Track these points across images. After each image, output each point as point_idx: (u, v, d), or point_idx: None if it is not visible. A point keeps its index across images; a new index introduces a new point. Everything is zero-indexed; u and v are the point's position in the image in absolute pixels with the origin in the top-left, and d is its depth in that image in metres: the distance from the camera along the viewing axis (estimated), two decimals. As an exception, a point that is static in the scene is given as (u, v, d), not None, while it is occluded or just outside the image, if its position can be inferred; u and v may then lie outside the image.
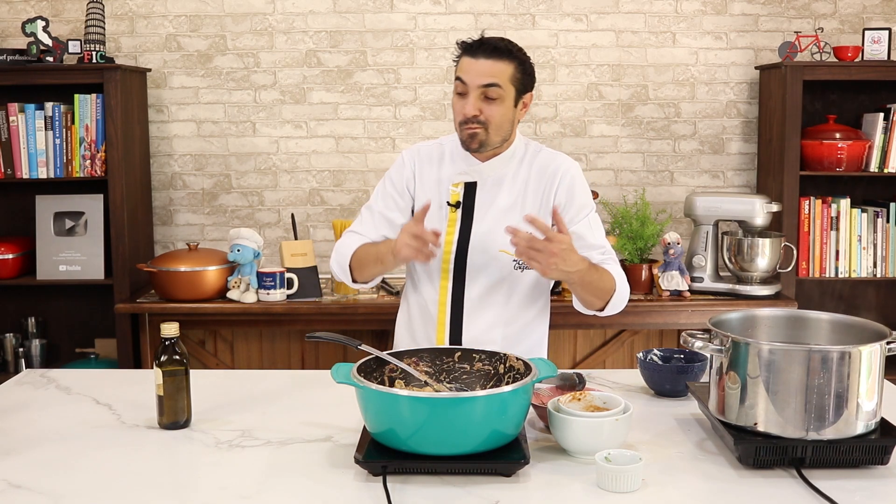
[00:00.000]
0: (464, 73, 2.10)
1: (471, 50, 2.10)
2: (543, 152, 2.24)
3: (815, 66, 3.47)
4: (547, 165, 2.21)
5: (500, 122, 2.12)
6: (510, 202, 2.19)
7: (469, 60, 2.10)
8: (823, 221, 3.59)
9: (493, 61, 2.08)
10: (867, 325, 1.67)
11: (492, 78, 2.08)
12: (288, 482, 1.54)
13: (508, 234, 1.96)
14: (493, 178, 2.20)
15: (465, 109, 2.09)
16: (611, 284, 2.15)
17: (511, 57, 2.11)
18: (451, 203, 2.20)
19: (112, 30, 3.72)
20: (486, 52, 2.08)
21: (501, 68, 2.09)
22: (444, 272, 2.21)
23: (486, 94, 2.09)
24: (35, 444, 1.72)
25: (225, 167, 3.82)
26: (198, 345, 3.43)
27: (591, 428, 1.59)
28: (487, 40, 2.11)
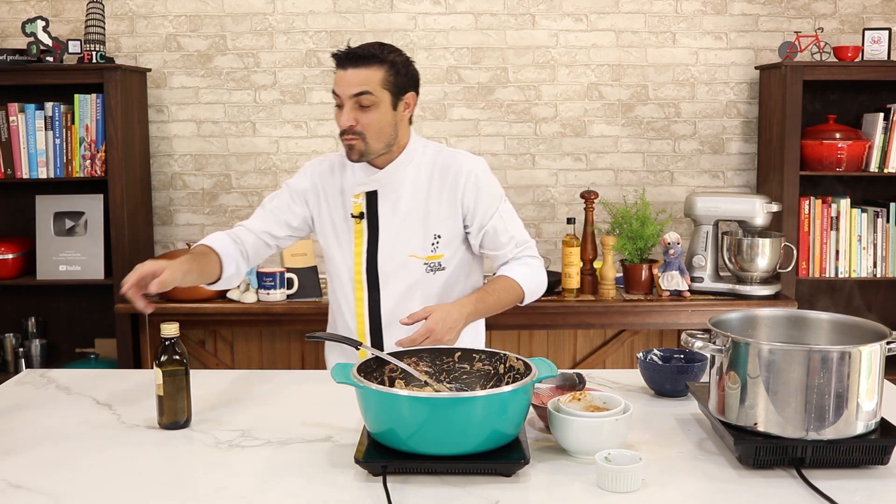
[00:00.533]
0: (336, 86, 2.09)
1: (340, 61, 2.09)
2: (444, 152, 2.23)
3: (815, 66, 3.47)
4: (448, 165, 2.20)
5: (379, 128, 2.11)
6: (413, 205, 2.18)
7: (339, 73, 2.09)
8: (823, 221, 3.59)
9: (360, 69, 2.07)
10: (867, 325, 1.67)
11: (361, 86, 2.07)
12: (288, 482, 1.54)
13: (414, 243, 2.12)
14: (392, 184, 2.18)
15: (341, 121, 2.09)
16: (515, 293, 2.21)
17: (378, 62, 2.08)
18: (355, 214, 2.20)
19: (112, 30, 3.72)
20: (353, 61, 2.07)
21: (370, 75, 2.07)
22: (358, 283, 2.21)
23: (359, 102, 2.07)
24: (35, 444, 1.72)
25: (225, 167, 3.82)
26: (198, 345, 3.43)
27: (591, 428, 1.59)
28: (353, 49, 2.09)
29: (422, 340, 1.99)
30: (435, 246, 2.19)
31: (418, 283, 2.20)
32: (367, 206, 2.19)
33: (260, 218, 2.26)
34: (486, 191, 2.20)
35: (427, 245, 2.19)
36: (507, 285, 2.21)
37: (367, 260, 2.19)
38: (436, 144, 2.27)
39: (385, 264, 2.19)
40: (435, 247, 2.19)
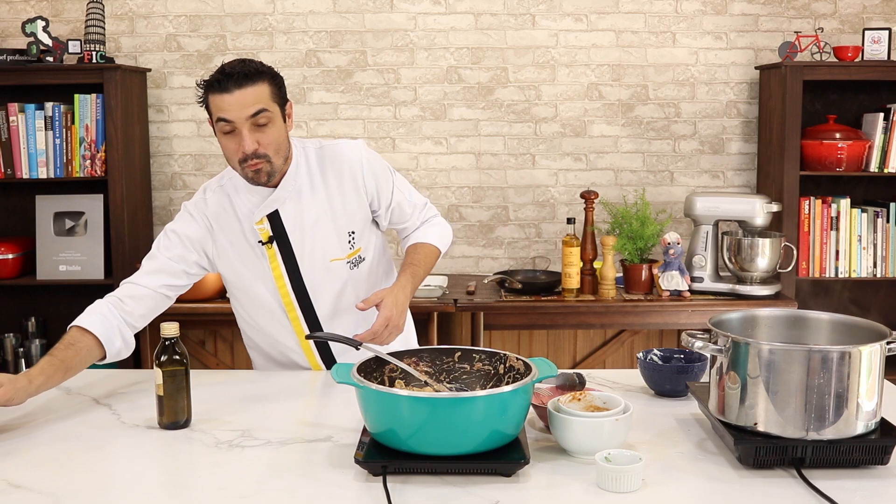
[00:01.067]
0: (224, 112, 1.94)
1: (220, 86, 1.94)
2: (325, 148, 2.15)
3: (815, 66, 3.47)
4: (337, 159, 2.13)
5: (278, 144, 2.01)
6: (318, 211, 2.12)
7: (223, 97, 1.93)
8: (823, 221, 3.59)
9: (248, 88, 1.94)
10: (867, 325, 1.67)
11: (256, 105, 1.94)
12: (288, 482, 1.54)
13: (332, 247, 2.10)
14: (292, 199, 2.09)
15: (244, 147, 1.95)
16: (434, 255, 2.28)
17: (263, 76, 1.97)
18: (264, 241, 2.10)
19: (112, 30, 3.72)
20: (238, 81, 1.93)
21: (259, 92, 1.95)
22: (287, 304, 2.14)
23: (255, 122, 1.95)
24: (35, 444, 1.72)
25: (225, 167, 3.82)
26: (198, 345, 3.43)
27: (591, 428, 1.59)
28: (231, 70, 1.95)
29: (382, 330, 1.99)
30: (352, 242, 2.15)
31: (346, 283, 2.16)
32: (272, 228, 2.09)
33: (156, 272, 2.10)
34: (380, 171, 2.17)
35: (344, 245, 2.14)
36: (428, 251, 2.26)
37: (291, 279, 2.12)
38: (311, 141, 2.17)
39: (310, 277, 2.13)
40: (352, 243, 2.15)
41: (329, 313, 2.17)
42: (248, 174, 2.01)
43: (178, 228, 2.13)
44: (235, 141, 1.97)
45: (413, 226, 2.30)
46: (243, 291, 2.18)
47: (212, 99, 1.97)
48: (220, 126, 1.97)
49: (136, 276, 2.12)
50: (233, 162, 2.02)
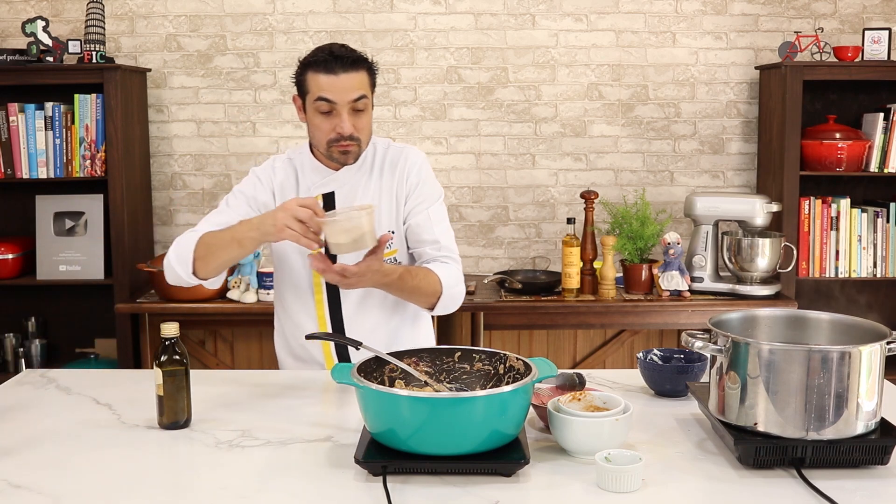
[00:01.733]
0: (328, 92, 2.02)
1: (328, 66, 2.02)
2: (391, 148, 2.21)
3: (815, 66, 3.47)
4: (395, 163, 2.18)
5: (370, 130, 2.12)
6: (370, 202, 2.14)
7: (328, 78, 2.02)
8: (823, 221, 3.59)
9: (353, 73, 2.03)
10: (867, 325, 1.67)
11: (359, 91, 2.04)
12: (288, 482, 1.54)
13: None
14: (349, 184, 2.16)
15: (342, 128, 2.04)
16: (433, 287, 2.11)
17: (365, 63, 2.08)
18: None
19: (112, 30, 3.72)
20: (344, 65, 2.02)
21: (363, 78, 2.06)
22: (317, 286, 2.17)
23: (355, 107, 2.05)
24: (35, 444, 1.72)
25: (225, 167, 3.82)
26: (198, 345, 3.43)
27: (591, 428, 1.59)
28: (339, 53, 2.04)
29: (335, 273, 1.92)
30: (390, 243, 2.14)
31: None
32: (324, 206, 2.14)
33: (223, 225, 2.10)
34: (422, 183, 2.18)
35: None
36: (430, 279, 2.11)
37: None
38: (383, 140, 2.24)
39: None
40: (390, 244, 2.15)
41: (354, 306, 2.17)
42: (334, 153, 2.09)
43: (245, 190, 2.18)
44: (331, 122, 2.05)
45: (425, 255, 2.18)
46: (284, 264, 2.21)
47: (313, 77, 2.04)
48: (317, 105, 2.04)
49: (203, 226, 2.12)
50: (321, 140, 2.09)
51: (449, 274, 2.14)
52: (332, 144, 2.08)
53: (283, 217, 1.87)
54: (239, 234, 1.98)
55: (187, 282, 2.10)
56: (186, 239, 2.08)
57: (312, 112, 2.07)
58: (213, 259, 2.04)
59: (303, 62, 2.08)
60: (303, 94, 2.09)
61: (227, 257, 2.03)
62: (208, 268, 2.06)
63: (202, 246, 2.04)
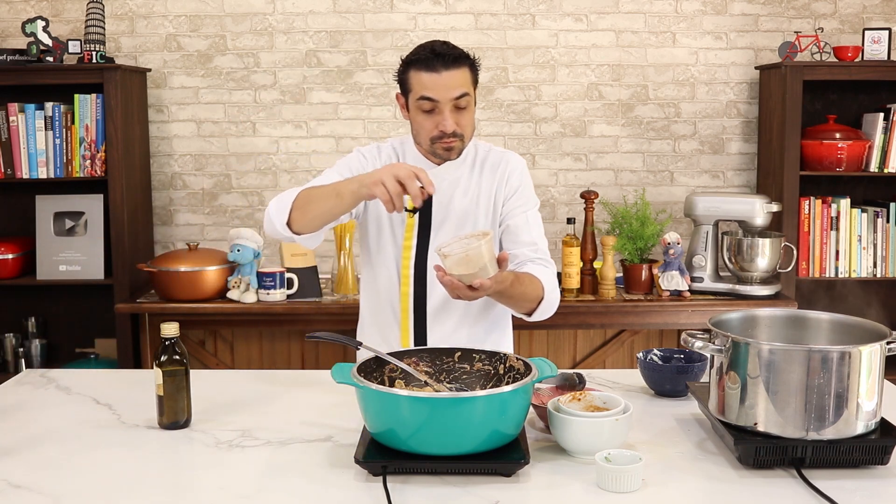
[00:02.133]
0: (430, 91, 2.03)
1: (430, 63, 2.03)
2: (493, 152, 2.22)
3: (815, 66, 3.47)
4: (496, 165, 2.19)
5: (472, 127, 2.14)
6: (465, 207, 2.16)
7: (431, 76, 2.03)
8: (823, 221, 3.59)
9: (455, 70, 2.04)
10: (867, 325, 1.67)
11: (462, 88, 2.05)
12: (288, 482, 1.54)
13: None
14: (449, 180, 2.16)
15: (445, 126, 2.05)
16: (537, 293, 2.08)
17: (467, 60, 2.08)
18: (409, 209, 2.08)
19: (112, 30, 3.72)
20: (446, 63, 2.03)
21: (465, 76, 2.06)
22: (405, 277, 2.17)
23: (457, 105, 2.06)
24: (35, 444, 1.72)
25: (225, 167, 3.82)
26: (198, 345, 3.43)
27: (591, 428, 1.59)
28: (442, 51, 2.04)
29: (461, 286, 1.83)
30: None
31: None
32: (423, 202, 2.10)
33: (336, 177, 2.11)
34: (522, 187, 2.19)
35: None
36: (534, 284, 2.08)
37: (417, 255, 2.15)
38: (485, 143, 2.25)
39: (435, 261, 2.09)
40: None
41: (438, 303, 2.16)
42: (438, 150, 2.10)
43: (351, 164, 2.17)
44: (433, 120, 2.06)
45: (522, 256, 2.14)
46: (376, 250, 2.20)
47: (415, 76, 2.05)
48: (420, 104, 2.05)
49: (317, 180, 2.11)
50: (424, 138, 2.10)
51: (548, 278, 2.12)
52: (436, 141, 2.09)
53: (384, 172, 1.84)
54: (339, 185, 1.95)
55: (282, 234, 2.04)
56: (289, 191, 2.05)
57: (415, 110, 2.08)
58: (310, 209, 1.98)
59: (405, 60, 2.08)
60: (405, 92, 2.10)
61: (324, 208, 1.97)
62: (305, 218, 2.00)
63: (302, 196, 2.00)
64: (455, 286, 1.84)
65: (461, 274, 1.82)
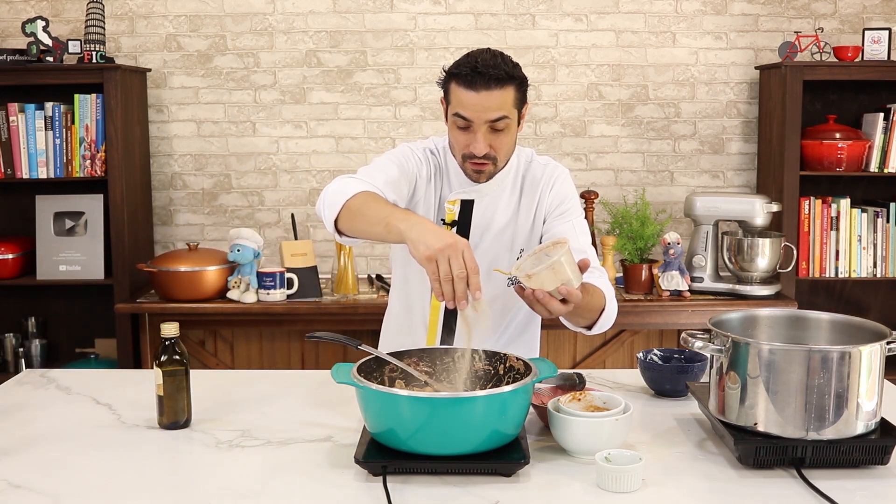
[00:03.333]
0: (465, 110, 1.91)
1: (467, 81, 1.90)
2: (534, 162, 2.14)
3: (815, 66, 3.47)
4: (539, 176, 2.12)
5: (508, 150, 2.01)
6: (505, 221, 2.10)
7: (468, 94, 1.90)
8: (823, 221, 3.59)
9: (495, 91, 1.89)
10: (867, 325, 1.67)
11: (499, 111, 1.91)
12: (288, 482, 1.54)
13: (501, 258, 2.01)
14: (490, 197, 2.08)
15: (476, 149, 1.93)
16: (600, 303, 1.98)
17: (511, 80, 1.92)
18: (447, 221, 2.08)
19: (112, 30, 3.72)
20: (486, 82, 1.88)
21: (505, 97, 1.91)
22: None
23: (493, 127, 1.93)
24: (35, 444, 1.72)
25: (225, 167, 3.82)
26: (198, 345, 3.43)
27: (591, 428, 1.59)
28: (484, 68, 1.89)
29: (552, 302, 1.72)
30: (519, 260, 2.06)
31: (498, 297, 2.11)
32: (460, 214, 2.07)
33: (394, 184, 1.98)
34: (566, 197, 2.12)
35: (513, 260, 2.09)
36: (597, 295, 1.96)
37: None
38: (527, 151, 2.15)
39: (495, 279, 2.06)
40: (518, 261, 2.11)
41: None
42: (468, 169, 2.01)
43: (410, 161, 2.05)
44: (467, 137, 1.95)
45: None
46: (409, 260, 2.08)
47: (454, 89, 1.93)
48: (455, 120, 1.94)
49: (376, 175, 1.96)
50: (457, 153, 2.01)
51: (607, 288, 2.01)
52: (467, 160, 1.98)
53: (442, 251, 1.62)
54: (394, 220, 1.74)
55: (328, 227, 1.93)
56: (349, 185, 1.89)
57: (451, 124, 1.98)
58: (357, 223, 1.85)
59: (448, 70, 1.98)
60: (447, 101, 2.00)
61: (370, 230, 1.83)
62: (351, 226, 1.87)
63: (356, 203, 1.85)
64: (547, 301, 1.71)
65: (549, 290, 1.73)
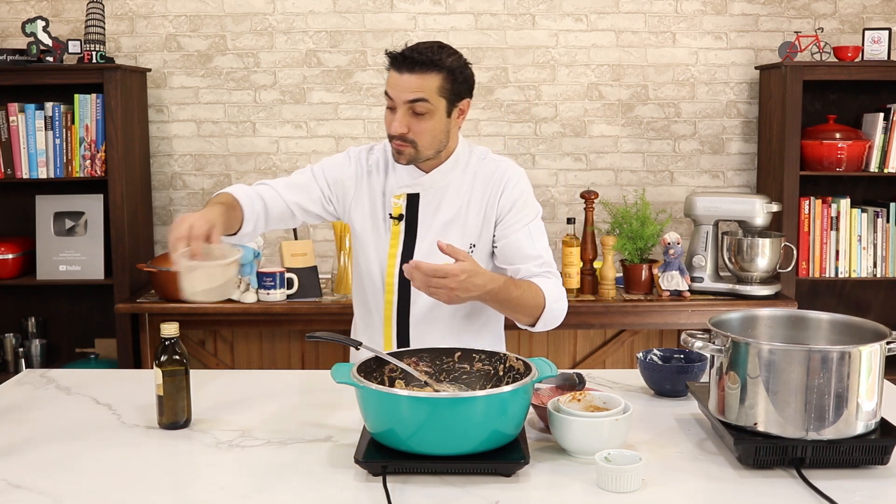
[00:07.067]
0: (390, 88, 2.00)
1: (396, 63, 1.99)
2: (488, 160, 2.15)
3: (815, 66, 3.47)
4: (491, 174, 2.13)
5: (432, 136, 2.03)
6: (452, 214, 2.11)
7: (395, 75, 1.99)
8: (823, 221, 3.59)
9: (417, 75, 1.97)
10: (867, 325, 1.67)
11: (418, 93, 1.97)
12: (288, 482, 1.54)
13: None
14: (436, 188, 2.11)
15: (393, 127, 2.01)
16: (538, 301, 2.03)
17: (437, 68, 1.97)
18: (394, 216, 2.11)
19: (112, 30, 3.72)
20: (410, 65, 1.96)
21: (427, 82, 1.97)
22: (389, 285, 2.13)
23: (413, 109, 1.99)
24: (35, 444, 1.72)
25: (225, 167, 3.82)
26: (198, 345, 3.43)
27: (591, 428, 1.59)
28: (412, 52, 1.98)
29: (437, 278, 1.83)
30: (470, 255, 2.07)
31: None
32: (406, 208, 2.11)
33: (296, 188, 2.14)
34: (522, 200, 2.14)
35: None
36: (534, 291, 2.03)
37: (402, 263, 2.09)
38: (480, 149, 2.19)
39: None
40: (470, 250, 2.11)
41: (422, 313, 2.12)
42: (392, 151, 2.07)
43: (331, 167, 2.17)
44: (390, 117, 2.03)
45: (528, 272, 2.08)
46: (361, 255, 2.19)
47: (390, 72, 2.02)
48: (385, 99, 2.04)
49: (276, 183, 2.14)
50: (387, 133, 2.07)
51: (552, 288, 2.06)
52: (390, 139, 2.05)
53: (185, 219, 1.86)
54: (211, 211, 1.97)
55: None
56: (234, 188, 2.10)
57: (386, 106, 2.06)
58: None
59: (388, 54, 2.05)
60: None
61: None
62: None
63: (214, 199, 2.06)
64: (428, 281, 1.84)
65: (195, 290, 1.76)
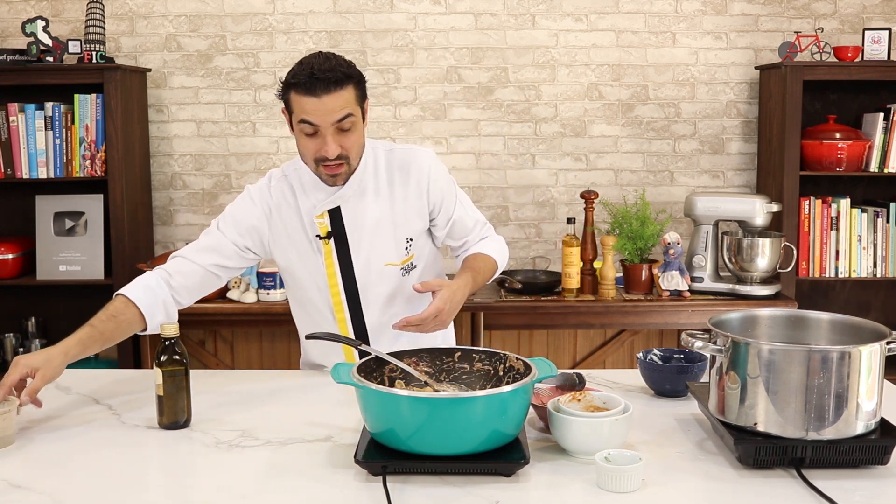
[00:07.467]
0: (310, 115, 1.92)
1: (309, 88, 1.90)
2: (396, 151, 2.13)
3: (815, 66, 3.47)
4: (407, 163, 2.10)
5: (359, 147, 2.03)
6: (378, 214, 2.10)
7: (310, 100, 1.91)
8: (823, 221, 3.59)
9: (335, 94, 1.91)
10: (867, 325, 1.67)
11: (344, 110, 1.92)
12: (288, 482, 1.54)
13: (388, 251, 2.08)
14: (355, 195, 2.07)
15: (327, 151, 1.94)
16: (493, 267, 2.24)
17: (349, 80, 1.94)
18: (322, 236, 2.08)
19: (112, 30, 3.72)
20: (326, 85, 1.90)
21: (348, 96, 1.93)
22: (337, 304, 2.12)
23: (340, 127, 1.94)
24: (35, 444, 1.72)
25: (225, 167, 3.82)
26: (198, 345, 3.43)
27: (591, 428, 1.59)
28: (322, 73, 1.90)
29: (431, 319, 1.96)
30: (408, 249, 2.13)
31: (397, 289, 2.13)
32: (332, 224, 2.08)
33: (208, 250, 2.10)
34: (445, 183, 2.15)
35: (401, 251, 2.12)
36: (487, 262, 2.22)
37: (344, 279, 2.10)
38: (382, 143, 2.15)
39: (363, 279, 2.10)
40: (408, 249, 2.13)
41: (376, 317, 2.13)
42: (323, 174, 2.01)
43: (236, 213, 2.12)
44: (316, 143, 1.96)
45: (473, 241, 2.26)
46: (296, 285, 2.17)
47: (295, 98, 1.94)
48: (302, 127, 1.95)
49: (189, 251, 2.11)
50: (308, 161, 2.01)
51: (496, 248, 2.27)
52: (320, 164, 1.99)
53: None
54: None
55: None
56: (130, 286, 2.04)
57: (298, 132, 1.98)
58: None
59: (285, 81, 1.97)
60: (289, 111, 2.00)
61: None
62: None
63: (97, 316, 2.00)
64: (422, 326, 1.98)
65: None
